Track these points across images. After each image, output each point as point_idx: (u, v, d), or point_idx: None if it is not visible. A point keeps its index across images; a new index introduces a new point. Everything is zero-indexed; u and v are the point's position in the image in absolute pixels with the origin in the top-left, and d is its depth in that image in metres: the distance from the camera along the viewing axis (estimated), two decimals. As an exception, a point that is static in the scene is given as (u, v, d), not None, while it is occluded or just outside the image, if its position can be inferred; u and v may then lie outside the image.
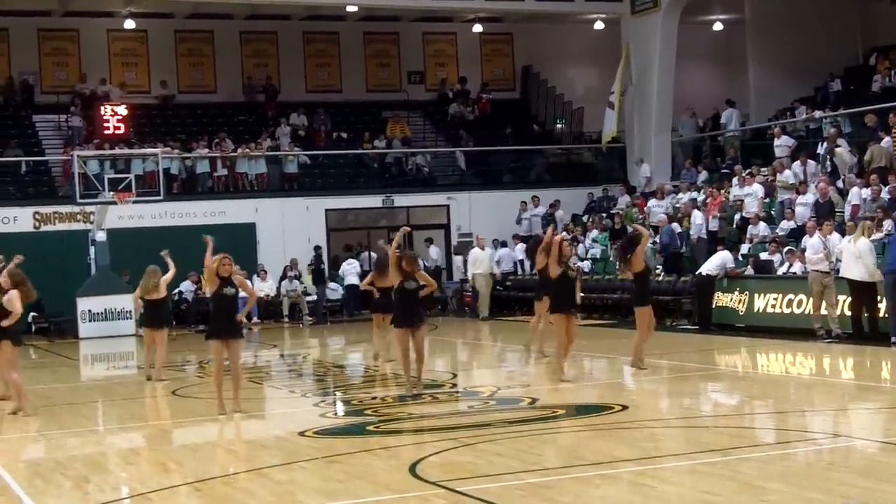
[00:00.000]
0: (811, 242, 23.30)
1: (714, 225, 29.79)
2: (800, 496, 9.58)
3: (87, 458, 13.63)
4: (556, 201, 37.31)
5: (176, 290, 32.19)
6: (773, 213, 29.31)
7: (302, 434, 14.12)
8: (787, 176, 29.93)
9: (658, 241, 30.22)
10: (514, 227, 36.89)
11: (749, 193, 29.72)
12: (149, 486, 11.38)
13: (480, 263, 33.56)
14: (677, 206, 32.19)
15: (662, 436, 13.58)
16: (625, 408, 15.32)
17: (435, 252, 36.59)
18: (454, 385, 19.06)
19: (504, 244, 35.90)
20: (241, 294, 16.64)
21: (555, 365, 18.74)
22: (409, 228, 20.09)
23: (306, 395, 18.54)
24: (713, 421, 14.69)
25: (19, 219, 33.60)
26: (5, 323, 16.40)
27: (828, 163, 29.66)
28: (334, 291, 35.59)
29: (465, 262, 35.42)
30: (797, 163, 30.18)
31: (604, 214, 35.65)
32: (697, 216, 30.13)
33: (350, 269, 34.84)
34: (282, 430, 15.02)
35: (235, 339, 16.03)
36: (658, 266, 29.62)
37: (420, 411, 15.76)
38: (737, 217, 29.85)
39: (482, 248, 33.77)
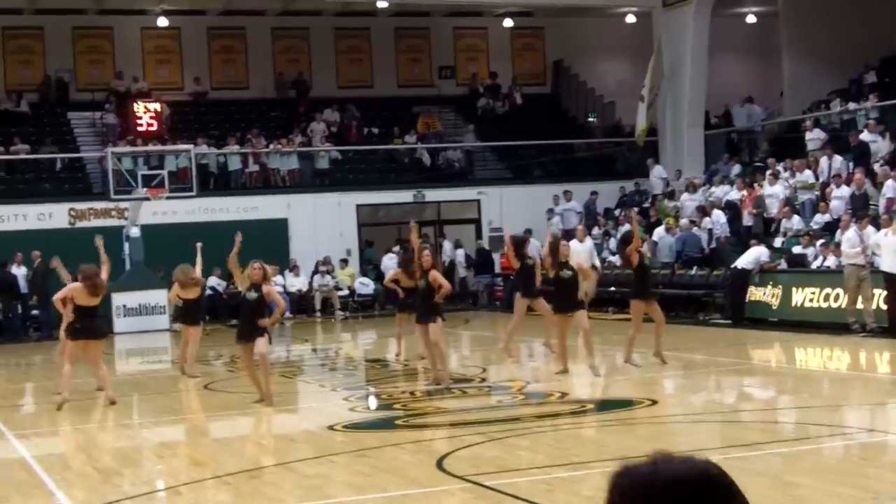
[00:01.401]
0: (847, 236, 23.14)
1: (749, 220, 29.64)
2: (830, 491, 9.53)
3: (119, 451, 13.70)
4: (594, 192, 37.35)
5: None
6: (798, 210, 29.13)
7: (331, 428, 14.16)
8: (806, 176, 29.81)
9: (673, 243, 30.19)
10: (545, 221, 36.82)
11: (770, 195, 29.60)
12: (179, 480, 11.44)
13: (578, 258, 31.08)
14: (710, 199, 32.03)
15: (691, 430, 13.54)
16: (654, 402, 15.29)
17: (448, 247, 36.53)
18: (483, 380, 19.06)
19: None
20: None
21: (587, 361, 18.63)
22: (415, 224, 20.16)
23: (336, 389, 18.60)
24: (744, 416, 14.63)
25: (55, 215, 33.77)
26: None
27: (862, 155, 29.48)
28: (366, 286, 35.63)
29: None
30: (824, 157, 29.99)
31: (636, 208, 35.52)
32: (720, 215, 29.96)
33: (391, 264, 34.80)
34: (311, 424, 15.07)
35: (256, 339, 16.06)
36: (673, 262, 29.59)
37: (448, 406, 15.77)
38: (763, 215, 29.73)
39: (581, 241, 30.16)
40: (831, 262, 24.64)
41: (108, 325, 31.67)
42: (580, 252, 29.00)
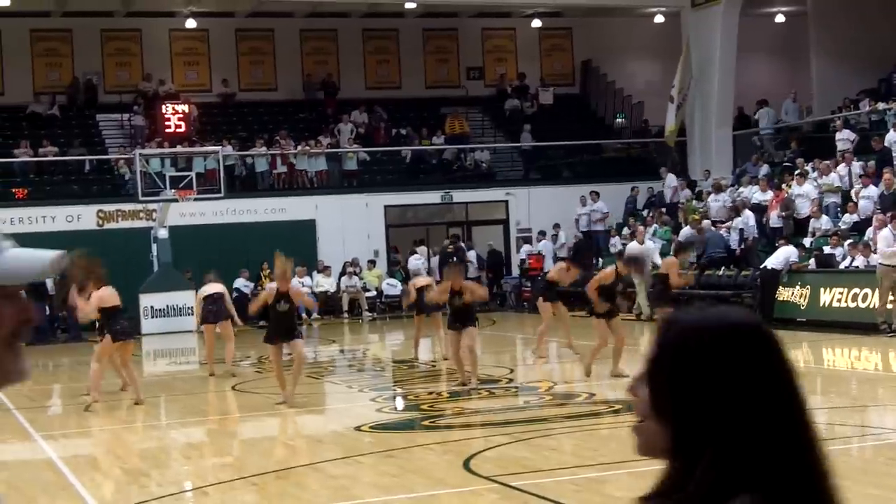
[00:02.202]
0: (883, 235, 22.93)
1: (777, 222, 29.51)
2: (858, 492, 9.45)
3: (146, 452, 13.73)
4: (635, 187, 37.37)
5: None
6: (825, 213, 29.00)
7: (358, 429, 14.15)
8: (832, 179, 29.69)
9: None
10: (573, 222, 36.78)
11: (800, 194, 29.48)
12: (206, 481, 11.46)
13: None
14: (738, 199, 31.89)
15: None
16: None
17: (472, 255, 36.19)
18: (510, 380, 19.02)
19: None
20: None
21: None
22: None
23: (363, 390, 18.59)
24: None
25: (83, 217, 33.87)
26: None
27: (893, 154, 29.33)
28: (393, 287, 35.61)
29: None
30: (844, 165, 29.91)
31: (663, 209, 35.42)
32: (749, 216, 29.82)
33: (418, 265, 34.77)
34: (339, 424, 15.07)
35: (293, 339, 16.17)
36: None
37: (476, 407, 15.74)
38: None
39: (641, 242, 29.87)
40: (860, 262, 24.51)
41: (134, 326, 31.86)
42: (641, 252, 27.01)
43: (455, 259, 30.09)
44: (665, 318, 2.21)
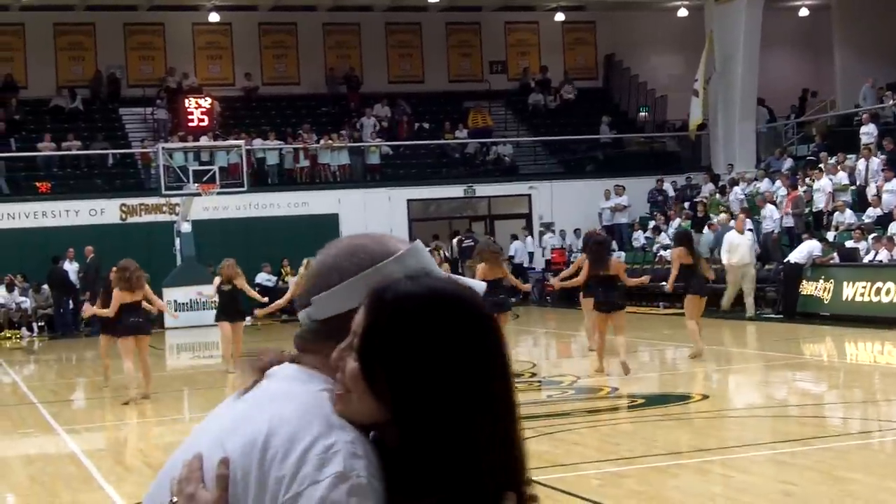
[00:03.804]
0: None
1: (789, 221, 29.42)
2: (880, 486, 9.44)
3: (169, 446, 13.75)
4: (660, 179, 37.36)
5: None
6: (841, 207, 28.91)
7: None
8: (840, 178, 29.63)
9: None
10: (596, 215, 36.72)
11: (818, 189, 29.39)
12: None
13: (735, 251, 25.86)
14: (760, 193, 31.79)
15: (742, 425, 13.45)
16: (705, 397, 15.20)
17: (517, 245, 36.48)
18: (533, 374, 19.01)
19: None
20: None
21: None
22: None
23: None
24: (795, 410, 14.52)
25: (106, 210, 33.98)
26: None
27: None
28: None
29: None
30: (861, 160, 29.79)
31: (685, 203, 35.35)
32: (773, 211, 29.71)
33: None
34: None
35: None
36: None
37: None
38: (809, 209, 29.54)
39: (741, 231, 26.30)
40: (883, 255, 24.42)
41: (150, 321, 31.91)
42: (740, 244, 25.83)
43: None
44: (374, 290, 2.17)
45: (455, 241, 36.08)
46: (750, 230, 27.55)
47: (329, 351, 2.22)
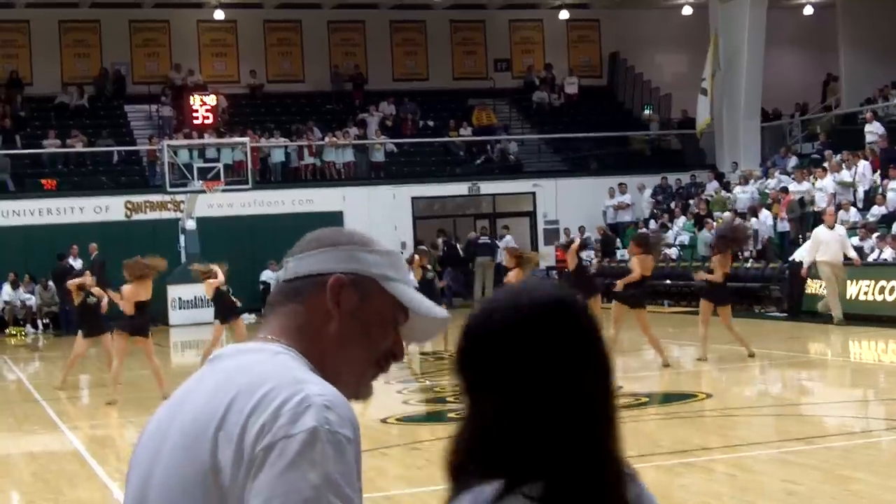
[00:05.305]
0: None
1: (784, 226, 29.39)
2: (884, 486, 9.44)
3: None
4: (664, 177, 37.43)
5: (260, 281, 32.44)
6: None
7: (384, 421, 14.17)
8: (843, 175, 29.60)
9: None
10: (601, 214, 36.73)
11: (820, 188, 29.36)
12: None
13: (827, 248, 23.42)
14: (766, 191, 31.78)
15: (747, 424, 13.44)
16: (709, 395, 15.20)
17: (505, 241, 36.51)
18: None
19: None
20: None
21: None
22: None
23: (389, 382, 18.61)
24: (799, 409, 14.52)
25: (111, 207, 33.99)
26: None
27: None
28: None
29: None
30: (862, 161, 29.78)
31: (690, 201, 35.33)
32: (767, 216, 29.69)
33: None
34: (364, 416, 15.06)
35: None
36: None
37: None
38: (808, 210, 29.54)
39: (831, 227, 23.68)
40: (888, 254, 24.40)
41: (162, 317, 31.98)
42: (830, 241, 23.39)
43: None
44: (477, 306, 2.24)
45: (441, 240, 36.06)
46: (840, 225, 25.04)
47: (290, 310, 2.35)
